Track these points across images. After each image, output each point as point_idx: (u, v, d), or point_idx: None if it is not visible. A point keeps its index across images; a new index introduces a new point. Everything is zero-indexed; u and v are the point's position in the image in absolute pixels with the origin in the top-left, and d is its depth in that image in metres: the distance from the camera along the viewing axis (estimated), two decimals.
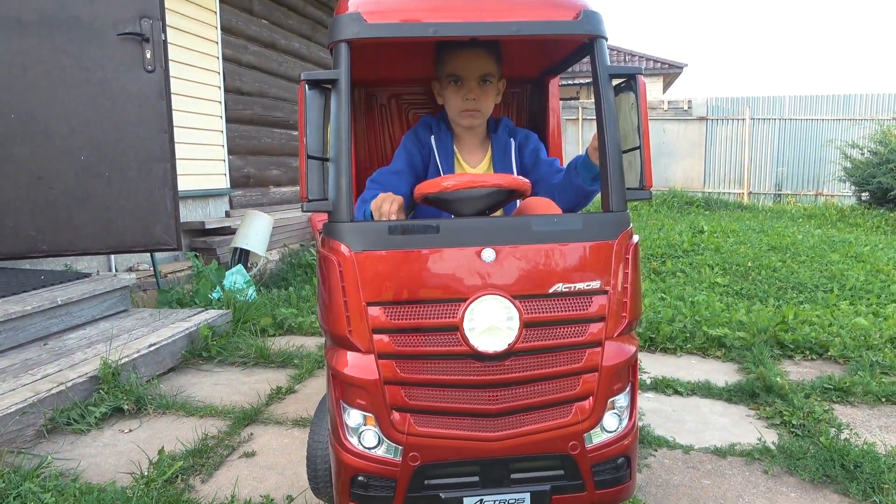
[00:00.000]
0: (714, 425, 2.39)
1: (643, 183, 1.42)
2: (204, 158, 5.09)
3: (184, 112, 4.65)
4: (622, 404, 1.45)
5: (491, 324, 1.33)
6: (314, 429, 1.68)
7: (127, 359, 2.68)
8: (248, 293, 4.18)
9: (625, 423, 1.45)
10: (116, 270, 4.20)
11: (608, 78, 1.44)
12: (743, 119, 12.73)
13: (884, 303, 4.01)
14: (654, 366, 3.05)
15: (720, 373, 2.96)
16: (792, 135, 12.66)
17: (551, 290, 1.36)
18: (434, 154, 1.83)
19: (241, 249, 4.77)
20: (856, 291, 4.31)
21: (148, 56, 3.31)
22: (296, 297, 4.26)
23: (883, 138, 10.06)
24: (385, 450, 1.37)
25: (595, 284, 1.38)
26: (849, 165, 10.52)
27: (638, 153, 1.43)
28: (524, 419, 1.37)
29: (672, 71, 18.69)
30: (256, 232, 4.81)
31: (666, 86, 19.87)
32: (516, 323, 1.33)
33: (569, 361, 1.38)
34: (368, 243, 1.34)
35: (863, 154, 10.38)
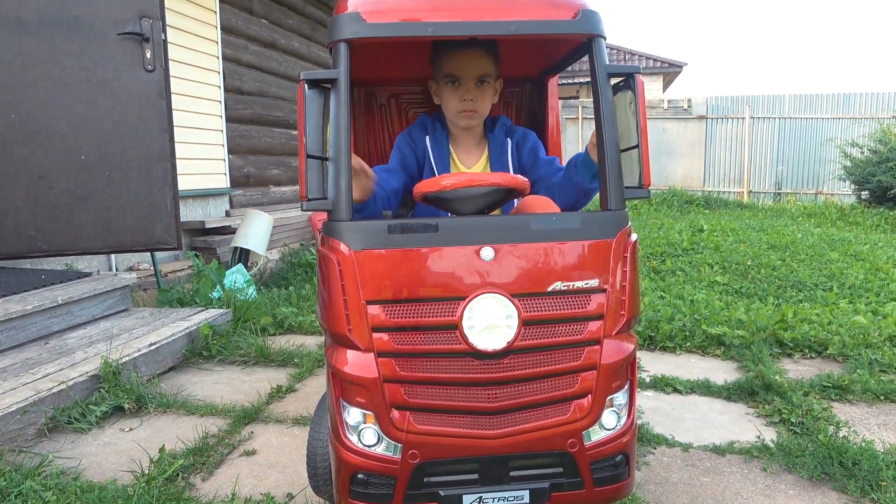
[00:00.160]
0: (713, 423, 2.40)
1: (641, 181, 1.42)
2: (204, 158, 5.10)
3: (184, 111, 4.66)
4: (621, 402, 1.45)
5: (490, 322, 1.33)
6: (314, 427, 1.69)
7: (127, 358, 2.69)
8: (249, 292, 4.19)
9: (623, 421, 1.46)
10: (117, 270, 4.21)
11: (606, 77, 1.45)
12: (742, 118, 12.74)
13: (883, 301, 4.01)
14: (654, 364, 3.05)
15: (719, 371, 2.97)
16: (792, 133, 12.66)
17: (550, 289, 1.37)
18: (429, 154, 1.82)
19: (242, 249, 4.78)
20: (855, 290, 4.32)
21: (148, 56, 3.32)
22: (296, 297, 4.27)
23: (883, 137, 10.06)
24: (385, 448, 1.37)
25: (593, 283, 1.39)
26: (848, 164, 10.53)
27: (636, 152, 1.44)
28: (523, 417, 1.38)
29: (672, 70, 18.69)
30: (256, 231, 4.82)
31: (666, 85, 19.87)
32: (515, 321, 1.34)
33: (567, 359, 1.38)
34: (368, 242, 1.34)
35: (862, 153, 10.39)
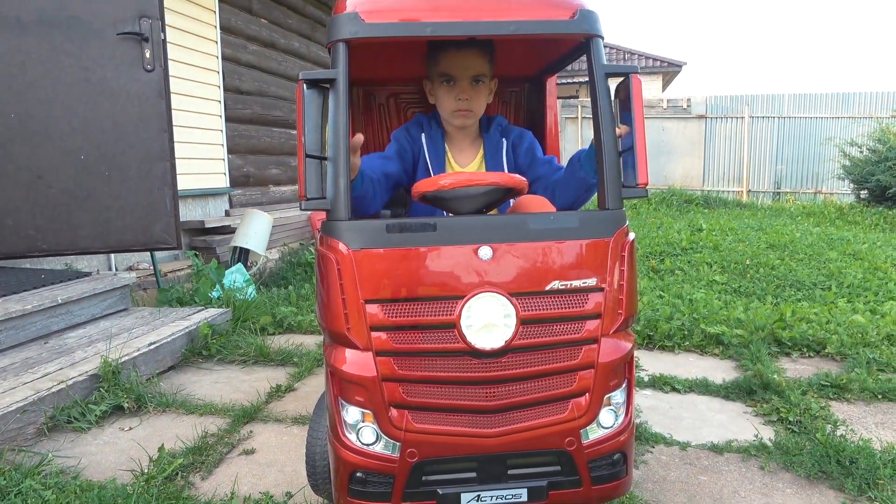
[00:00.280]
0: (711, 422, 2.41)
1: (637, 181, 1.43)
2: (203, 157, 5.10)
3: (183, 111, 4.66)
4: (618, 401, 1.46)
5: (488, 321, 1.33)
6: (313, 426, 1.69)
7: (127, 357, 2.69)
8: (248, 292, 4.19)
9: (621, 420, 1.46)
10: (116, 269, 4.21)
11: (604, 77, 1.45)
12: (742, 117, 12.74)
13: (881, 300, 4.02)
14: (652, 363, 3.06)
15: (718, 370, 2.97)
16: (791, 133, 12.66)
17: (548, 288, 1.37)
18: (424, 152, 1.83)
19: (241, 248, 4.78)
20: (853, 289, 4.33)
21: (147, 55, 3.32)
22: (295, 296, 4.27)
23: (881, 136, 10.07)
24: (383, 446, 1.38)
25: (591, 282, 1.39)
26: (847, 163, 10.53)
27: (642, 150, 1.44)
28: (521, 415, 1.38)
29: (671, 69, 18.69)
30: (256, 231, 4.82)
31: (665, 84, 19.87)
32: (513, 320, 1.34)
33: (565, 358, 1.39)
34: (366, 241, 1.35)
35: (861, 152, 10.39)
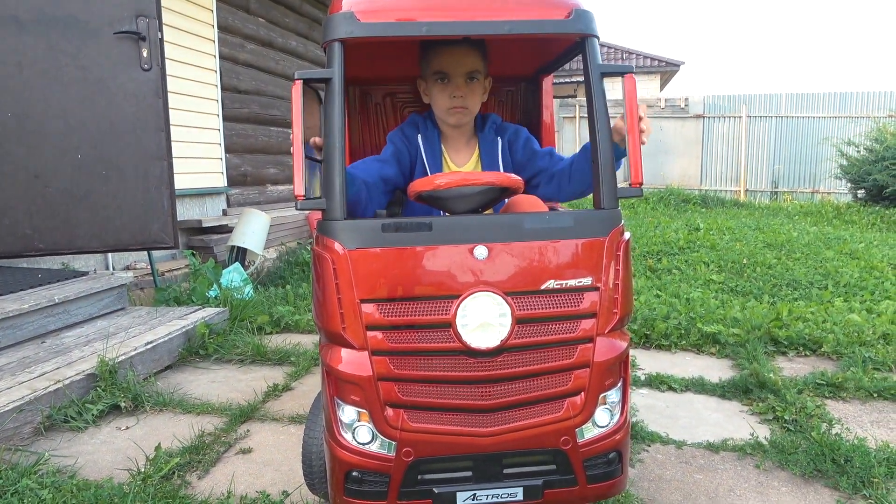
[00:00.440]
0: (707, 421, 2.41)
1: (630, 180, 1.43)
2: (201, 157, 5.10)
3: (180, 110, 4.65)
4: (614, 400, 1.46)
5: (483, 320, 1.34)
6: (309, 425, 1.69)
7: (124, 356, 2.69)
8: (246, 291, 4.19)
9: (616, 419, 1.47)
10: (114, 269, 4.21)
11: (600, 76, 1.45)
12: (739, 116, 12.76)
13: (877, 299, 4.03)
14: (649, 362, 3.06)
15: (714, 369, 2.98)
16: (788, 132, 12.68)
17: (543, 287, 1.37)
18: (421, 153, 1.83)
19: (239, 248, 4.78)
20: (850, 288, 4.34)
21: (144, 55, 3.31)
22: (293, 295, 4.27)
23: (879, 136, 10.09)
24: (379, 445, 1.38)
25: (586, 281, 1.40)
26: (845, 163, 10.56)
27: (636, 150, 1.44)
28: (516, 415, 1.39)
29: (669, 69, 18.71)
30: (254, 230, 4.82)
31: (663, 83, 19.89)
32: (508, 319, 1.34)
33: (560, 357, 1.39)
34: (362, 241, 1.35)
35: (859, 151, 10.42)
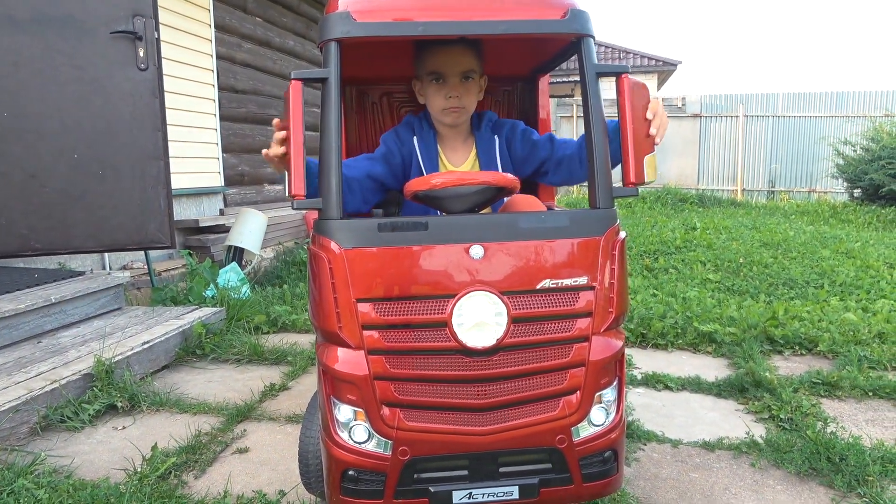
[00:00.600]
0: (703, 420, 2.42)
1: (625, 180, 1.43)
2: (198, 156, 5.09)
3: (177, 110, 4.65)
4: (609, 398, 1.47)
5: (479, 319, 1.34)
6: (306, 424, 1.70)
7: (121, 356, 2.69)
8: (243, 291, 4.19)
9: (612, 417, 1.47)
10: (110, 269, 4.20)
11: (595, 76, 1.46)
12: (736, 116, 12.79)
13: (873, 298, 4.04)
14: (646, 361, 3.07)
15: (710, 368, 2.99)
16: (785, 132, 12.72)
17: (539, 286, 1.38)
18: (417, 154, 1.82)
19: (236, 247, 4.78)
20: (846, 287, 4.35)
21: (141, 54, 3.31)
22: (290, 295, 4.27)
23: (875, 135, 10.12)
24: (375, 444, 1.38)
25: (582, 280, 1.40)
26: (841, 162, 10.59)
27: (630, 150, 1.44)
28: (512, 413, 1.39)
29: (666, 68, 18.72)
30: (251, 230, 4.82)
31: (660, 83, 19.92)
32: (504, 318, 1.35)
33: (556, 356, 1.40)
34: (358, 240, 1.35)
35: (855, 151, 10.45)
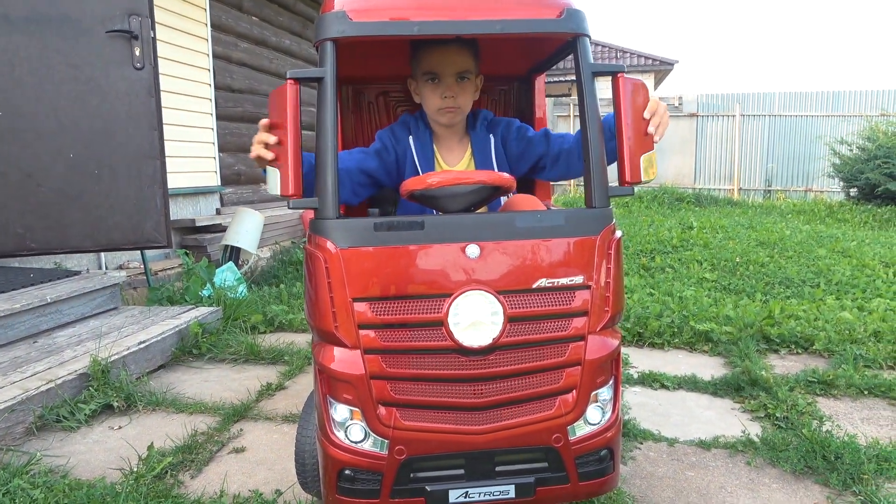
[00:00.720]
0: (699, 418, 2.42)
1: (621, 179, 1.44)
2: (194, 156, 5.09)
3: (174, 109, 4.64)
4: (605, 397, 1.47)
5: (475, 318, 1.34)
6: (302, 424, 1.69)
7: (117, 356, 2.68)
8: (239, 290, 4.18)
9: (608, 416, 1.47)
10: (106, 268, 4.20)
11: (591, 75, 1.46)
12: (733, 115, 12.81)
13: (869, 297, 4.05)
14: (642, 360, 3.07)
15: (707, 367, 2.99)
16: (782, 131, 12.75)
17: (535, 286, 1.38)
18: (413, 153, 1.81)
19: (232, 247, 4.77)
20: (842, 286, 4.36)
21: (137, 53, 3.30)
22: (286, 295, 4.27)
23: (871, 134, 10.15)
24: (371, 444, 1.39)
25: (578, 279, 1.40)
26: (837, 161, 10.61)
27: (626, 149, 1.44)
28: (508, 412, 1.39)
29: (663, 67, 18.75)
30: (247, 229, 4.81)
31: (657, 82, 19.94)
32: (500, 318, 1.35)
33: (552, 355, 1.40)
34: (354, 240, 1.35)
35: (851, 150, 10.47)
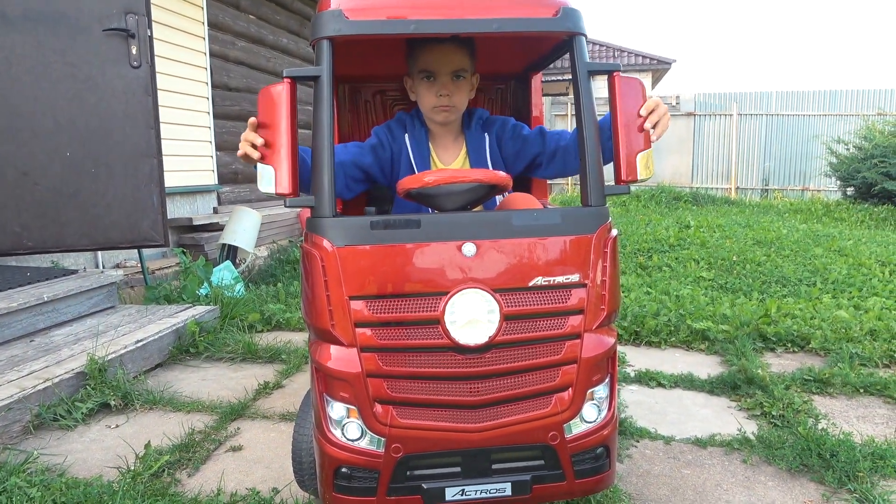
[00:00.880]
0: (696, 416, 2.43)
1: (617, 177, 1.44)
2: (191, 154, 5.08)
3: (170, 108, 4.64)
4: (601, 395, 1.47)
5: (472, 317, 1.35)
6: (299, 422, 1.70)
7: (114, 355, 2.68)
8: (236, 289, 4.18)
9: (604, 414, 1.48)
10: (103, 267, 4.19)
11: (587, 74, 1.46)
12: (730, 114, 12.82)
13: (865, 296, 4.06)
14: (639, 359, 3.08)
15: (703, 365, 3.00)
16: (779, 130, 12.77)
17: (531, 284, 1.38)
18: (408, 151, 1.81)
19: (230, 246, 4.77)
20: (838, 285, 4.37)
21: (134, 52, 3.30)
22: (284, 293, 4.27)
23: (867, 134, 10.18)
24: (368, 442, 1.39)
25: (574, 278, 1.41)
26: (834, 161, 10.65)
27: (622, 148, 1.45)
28: (505, 410, 1.40)
29: (661, 66, 18.77)
30: (245, 228, 4.81)
31: (655, 81, 19.96)
32: (497, 316, 1.35)
33: (548, 353, 1.40)
34: (350, 238, 1.36)
35: (848, 149, 10.50)
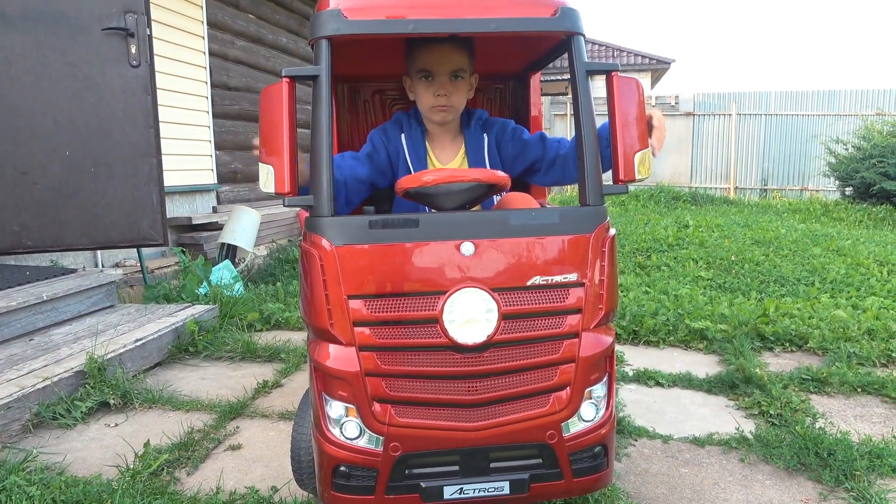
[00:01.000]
0: (694, 415, 2.44)
1: (615, 177, 1.45)
2: (191, 154, 5.09)
3: (170, 107, 4.64)
4: (599, 394, 1.48)
5: (470, 316, 1.35)
6: (298, 421, 1.70)
7: (113, 354, 2.68)
8: (236, 288, 4.19)
9: (602, 413, 1.48)
10: (103, 266, 4.19)
11: (585, 74, 1.47)
12: (729, 114, 12.83)
13: (863, 295, 4.07)
14: (637, 358, 3.09)
15: (701, 365, 3.01)
16: (778, 130, 12.78)
17: (529, 283, 1.39)
18: (405, 152, 1.81)
19: (229, 245, 4.77)
20: (836, 284, 4.38)
21: (133, 51, 3.30)
22: (283, 293, 4.27)
23: (866, 133, 10.19)
24: (367, 440, 1.39)
25: (572, 277, 1.41)
26: (833, 160, 10.66)
27: (620, 148, 1.45)
28: (503, 409, 1.40)
29: (660, 66, 18.77)
30: (244, 227, 4.81)
31: (654, 81, 19.96)
32: (495, 315, 1.36)
33: (546, 352, 1.41)
34: (349, 237, 1.36)
35: (846, 149, 10.51)
